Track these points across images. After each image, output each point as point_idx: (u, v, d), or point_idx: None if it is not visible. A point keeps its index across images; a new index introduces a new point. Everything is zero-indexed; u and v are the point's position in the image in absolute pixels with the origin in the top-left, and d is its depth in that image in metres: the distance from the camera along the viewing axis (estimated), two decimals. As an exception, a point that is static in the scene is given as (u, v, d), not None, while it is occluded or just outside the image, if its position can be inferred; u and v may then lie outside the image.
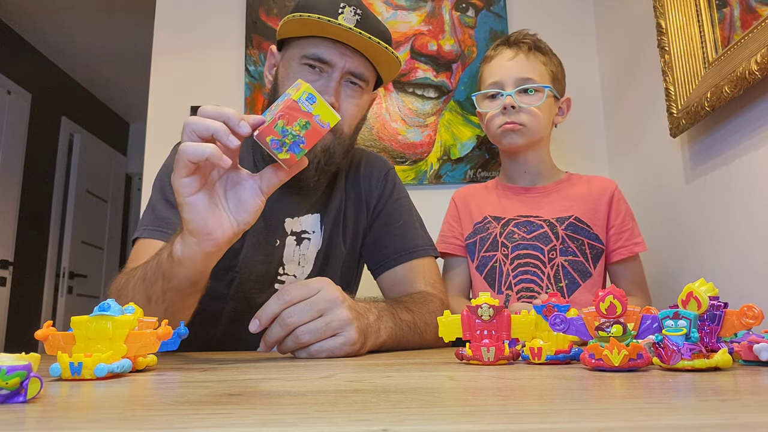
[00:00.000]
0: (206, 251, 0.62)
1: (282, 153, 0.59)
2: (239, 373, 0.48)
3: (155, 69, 1.78)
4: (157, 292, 0.68)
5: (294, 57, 0.87)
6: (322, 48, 0.85)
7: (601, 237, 1.14)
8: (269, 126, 0.57)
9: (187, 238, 0.62)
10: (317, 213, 0.97)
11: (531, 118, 1.14)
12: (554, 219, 1.14)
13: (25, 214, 3.46)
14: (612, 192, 1.17)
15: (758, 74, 0.92)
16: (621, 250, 1.13)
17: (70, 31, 3.50)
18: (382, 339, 0.73)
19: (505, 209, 1.19)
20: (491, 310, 0.53)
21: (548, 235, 1.13)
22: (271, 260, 0.93)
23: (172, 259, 0.64)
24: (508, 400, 0.32)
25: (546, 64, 1.19)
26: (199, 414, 0.28)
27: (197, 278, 0.66)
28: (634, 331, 0.46)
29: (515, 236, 1.14)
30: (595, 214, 1.15)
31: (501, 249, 1.14)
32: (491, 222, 1.18)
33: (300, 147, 0.59)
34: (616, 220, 1.15)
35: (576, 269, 1.11)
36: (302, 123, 0.58)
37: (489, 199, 1.23)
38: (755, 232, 1.00)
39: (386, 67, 0.91)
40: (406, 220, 1.02)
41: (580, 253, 1.12)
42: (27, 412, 0.29)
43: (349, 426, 0.25)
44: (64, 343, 0.47)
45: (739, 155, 1.05)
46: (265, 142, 0.58)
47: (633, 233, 1.15)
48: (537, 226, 1.14)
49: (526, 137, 1.15)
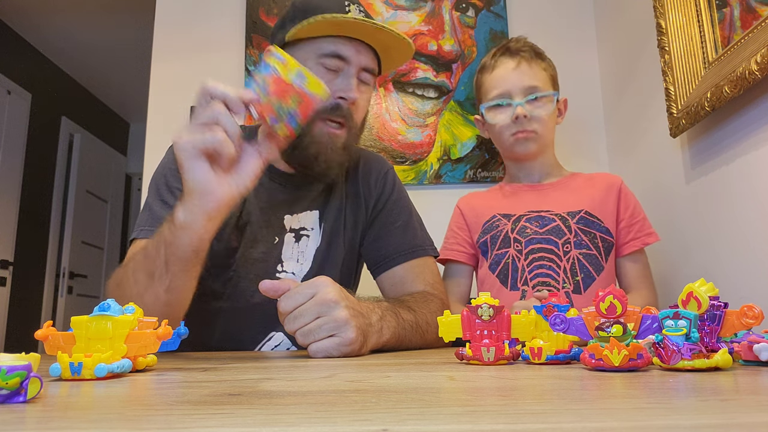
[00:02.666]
0: (207, 211, 0.65)
1: (280, 127, 0.64)
2: (239, 373, 0.48)
3: (155, 69, 1.78)
4: (160, 265, 0.69)
5: (308, 57, 0.88)
6: (339, 45, 0.87)
7: (611, 230, 1.14)
8: (265, 105, 0.62)
9: (188, 201, 0.65)
10: (316, 210, 0.97)
11: (541, 125, 1.16)
12: (565, 213, 1.15)
13: (25, 214, 3.46)
14: (619, 186, 1.18)
15: (758, 74, 0.92)
16: (633, 242, 1.14)
17: (70, 31, 3.50)
18: (384, 339, 0.73)
19: (515, 206, 1.19)
20: (491, 310, 0.53)
21: (561, 229, 1.13)
22: (269, 258, 0.93)
23: (174, 227, 0.67)
24: (508, 400, 0.32)
25: (546, 70, 1.21)
26: (199, 414, 0.28)
27: (199, 245, 0.68)
28: (634, 331, 0.46)
29: (528, 231, 1.14)
30: (604, 208, 1.15)
31: (514, 245, 1.14)
32: (500, 219, 1.18)
33: (296, 121, 0.64)
34: (626, 213, 1.15)
35: (590, 262, 1.11)
36: (296, 99, 0.62)
37: (495, 198, 1.24)
38: (755, 232, 1.00)
39: (396, 55, 0.94)
40: (405, 220, 1.02)
41: (593, 247, 1.12)
42: (27, 412, 0.29)
43: (349, 426, 0.25)
44: (64, 343, 0.47)
45: (739, 155, 1.05)
46: (264, 120, 0.63)
47: (644, 224, 1.15)
48: (549, 219, 1.14)
49: (539, 144, 1.18)
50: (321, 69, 0.87)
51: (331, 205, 0.98)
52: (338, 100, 0.87)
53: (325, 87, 0.64)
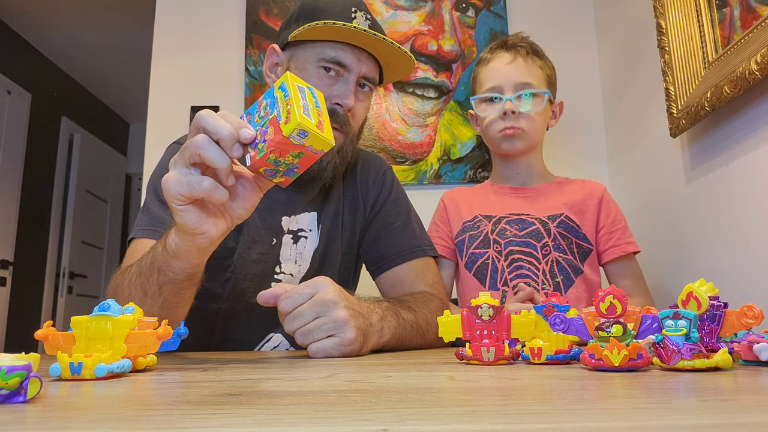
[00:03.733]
0: (200, 246, 0.63)
1: (277, 178, 0.59)
2: (239, 373, 0.48)
3: (155, 69, 1.78)
4: (153, 286, 0.68)
5: (309, 59, 0.88)
6: (340, 52, 0.87)
7: (590, 237, 1.15)
8: (261, 159, 0.55)
9: (180, 235, 0.62)
10: (314, 211, 0.97)
11: (530, 123, 1.15)
12: (545, 217, 1.15)
13: (25, 214, 3.46)
14: (601, 194, 1.19)
15: (758, 74, 0.92)
16: (613, 249, 1.14)
17: (70, 31, 3.50)
18: (385, 339, 0.73)
19: (496, 207, 1.20)
20: (491, 310, 0.53)
21: (540, 232, 1.14)
22: (267, 259, 0.93)
23: (167, 252, 0.65)
24: (508, 400, 0.32)
25: (543, 68, 1.19)
26: (199, 414, 0.28)
27: (192, 271, 0.67)
28: (634, 331, 0.46)
29: (507, 233, 1.14)
30: (584, 215, 1.16)
31: (493, 246, 1.14)
32: (482, 220, 1.18)
33: (294, 171, 0.58)
34: (607, 221, 1.16)
35: (569, 265, 1.12)
36: (295, 153, 0.56)
37: (479, 198, 1.24)
38: (755, 232, 1.00)
39: (396, 68, 0.95)
40: (404, 221, 1.02)
41: (569, 251, 1.13)
42: (27, 412, 0.29)
43: (349, 426, 0.25)
44: (64, 343, 0.47)
45: (739, 155, 1.05)
46: (259, 173, 0.58)
47: (624, 233, 1.16)
48: (529, 223, 1.15)
49: (525, 142, 1.16)
50: (321, 72, 0.88)
51: (329, 207, 0.98)
52: (335, 106, 0.88)
53: (328, 141, 0.56)
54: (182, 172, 0.56)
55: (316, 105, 0.58)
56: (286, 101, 0.55)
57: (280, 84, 0.57)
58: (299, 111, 0.54)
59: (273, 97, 0.56)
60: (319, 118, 0.57)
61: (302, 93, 0.57)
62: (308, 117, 0.55)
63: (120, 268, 0.80)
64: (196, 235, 0.60)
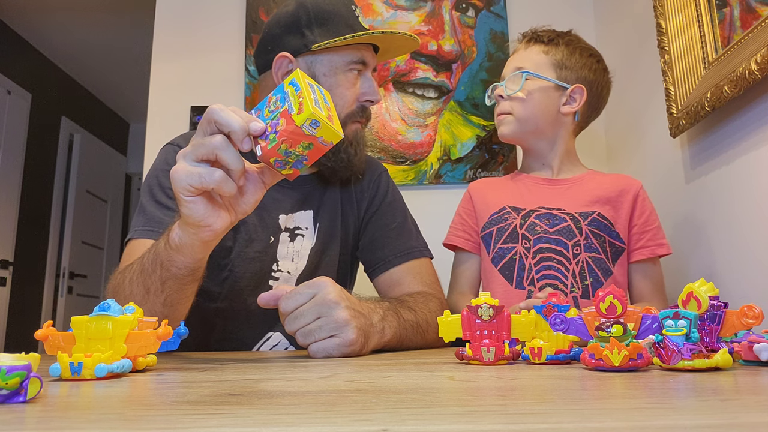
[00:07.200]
0: (204, 240, 0.63)
1: (286, 170, 0.60)
2: (239, 373, 0.48)
3: (155, 69, 1.78)
4: (155, 282, 0.68)
5: (339, 66, 0.92)
6: (363, 52, 0.94)
7: (622, 236, 1.09)
8: (273, 149, 0.57)
9: (184, 228, 0.63)
10: (311, 210, 0.97)
11: (521, 106, 1.11)
12: (577, 213, 1.09)
13: (25, 214, 3.46)
14: (637, 191, 1.11)
15: (758, 74, 0.92)
16: (642, 250, 1.08)
17: (70, 31, 3.50)
18: (386, 339, 0.74)
19: (525, 200, 1.13)
20: (491, 310, 0.53)
21: (572, 230, 1.07)
22: (264, 257, 0.93)
23: (170, 247, 0.65)
24: (508, 400, 0.32)
25: (547, 53, 1.15)
26: (199, 414, 0.28)
27: (195, 265, 0.67)
28: (634, 331, 0.46)
29: (537, 228, 1.08)
30: (617, 212, 1.10)
31: (522, 241, 1.08)
32: (510, 212, 1.12)
33: (303, 163, 0.59)
34: (640, 219, 1.10)
35: (599, 267, 1.06)
36: (305, 144, 0.57)
37: (507, 188, 1.18)
38: (755, 232, 1.00)
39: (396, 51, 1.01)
40: (400, 222, 1.02)
41: (602, 251, 1.07)
42: (27, 412, 0.29)
43: (349, 426, 0.25)
44: (64, 343, 0.47)
45: (739, 155, 1.05)
46: (269, 163, 0.59)
47: (656, 234, 1.10)
48: (560, 219, 1.09)
49: (513, 126, 1.12)
50: (350, 75, 0.93)
51: (326, 205, 0.99)
52: (364, 103, 0.94)
53: (338, 132, 0.58)
54: (192, 164, 0.57)
55: (325, 101, 0.61)
56: (297, 94, 0.56)
57: (290, 80, 0.58)
58: (311, 103, 0.55)
59: (283, 92, 0.58)
60: (329, 113, 0.59)
61: (312, 89, 0.59)
62: (319, 109, 0.57)
63: (118, 269, 0.80)
64: (202, 227, 0.61)
